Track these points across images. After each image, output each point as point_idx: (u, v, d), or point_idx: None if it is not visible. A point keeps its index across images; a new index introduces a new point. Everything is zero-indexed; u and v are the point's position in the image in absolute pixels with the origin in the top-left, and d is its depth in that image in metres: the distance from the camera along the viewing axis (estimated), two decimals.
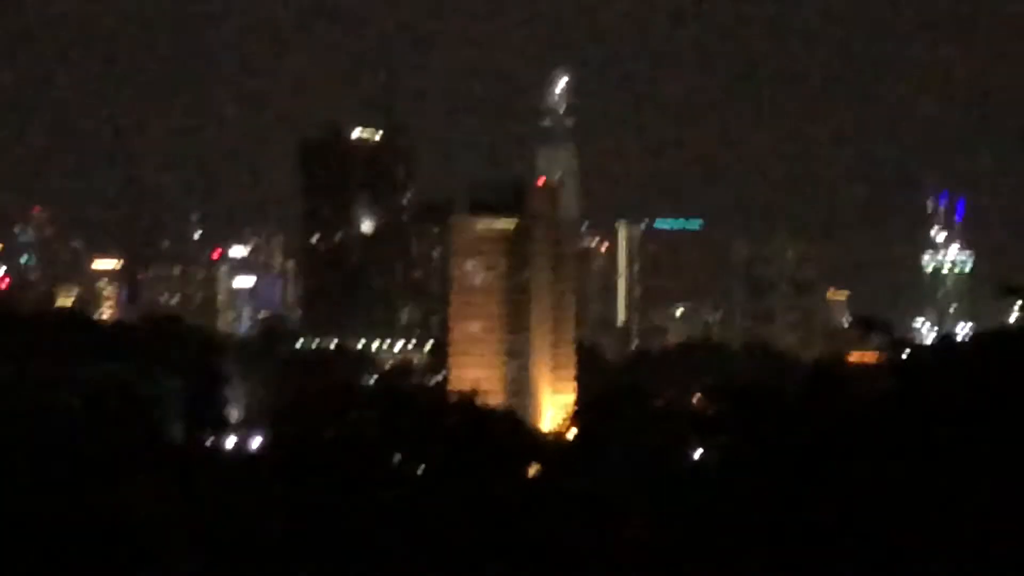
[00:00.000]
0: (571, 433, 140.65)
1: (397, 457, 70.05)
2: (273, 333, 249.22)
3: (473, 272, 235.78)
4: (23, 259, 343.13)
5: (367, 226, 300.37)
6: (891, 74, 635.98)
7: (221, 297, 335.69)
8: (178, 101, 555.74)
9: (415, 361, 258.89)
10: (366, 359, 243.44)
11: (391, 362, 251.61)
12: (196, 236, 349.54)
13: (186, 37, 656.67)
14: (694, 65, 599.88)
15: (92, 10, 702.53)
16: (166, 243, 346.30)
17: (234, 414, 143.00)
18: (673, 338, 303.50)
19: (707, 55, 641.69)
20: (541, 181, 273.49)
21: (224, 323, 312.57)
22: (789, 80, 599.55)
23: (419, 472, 66.50)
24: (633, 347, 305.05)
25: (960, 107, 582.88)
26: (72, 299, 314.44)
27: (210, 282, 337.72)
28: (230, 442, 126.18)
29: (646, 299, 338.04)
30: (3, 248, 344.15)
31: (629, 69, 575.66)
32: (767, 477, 31.64)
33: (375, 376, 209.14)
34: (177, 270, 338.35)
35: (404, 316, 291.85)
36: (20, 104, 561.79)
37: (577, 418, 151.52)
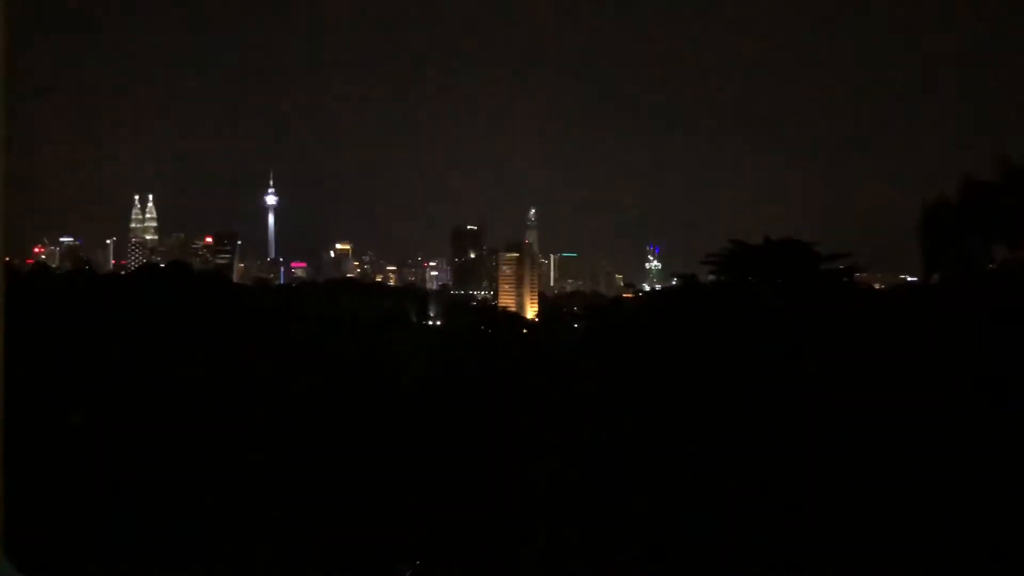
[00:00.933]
0: (537, 321, 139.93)
1: (483, 327, 76.26)
2: (443, 292, 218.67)
3: (504, 270, 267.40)
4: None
5: (473, 255, 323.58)
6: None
7: (428, 284, 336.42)
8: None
9: (488, 299, 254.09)
10: (475, 297, 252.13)
11: (479, 299, 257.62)
12: (419, 258, 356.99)
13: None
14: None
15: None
16: (409, 262, 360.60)
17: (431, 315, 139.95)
18: (570, 289, 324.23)
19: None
20: (526, 242, 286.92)
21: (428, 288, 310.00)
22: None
23: (488, 331, 71.13)
24: (555, 294, 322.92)
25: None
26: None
27: (420, 274, 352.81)
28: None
29: (559, 280, 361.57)
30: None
31: (561, 199, 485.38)
32: (597, 340, 32.51)
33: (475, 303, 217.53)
34: (411, 273, 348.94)
35: (484, 285, 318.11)
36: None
37: (539, 317, 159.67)
